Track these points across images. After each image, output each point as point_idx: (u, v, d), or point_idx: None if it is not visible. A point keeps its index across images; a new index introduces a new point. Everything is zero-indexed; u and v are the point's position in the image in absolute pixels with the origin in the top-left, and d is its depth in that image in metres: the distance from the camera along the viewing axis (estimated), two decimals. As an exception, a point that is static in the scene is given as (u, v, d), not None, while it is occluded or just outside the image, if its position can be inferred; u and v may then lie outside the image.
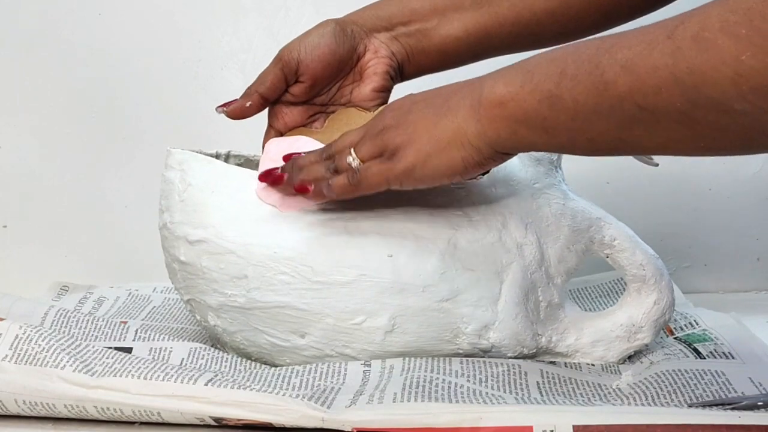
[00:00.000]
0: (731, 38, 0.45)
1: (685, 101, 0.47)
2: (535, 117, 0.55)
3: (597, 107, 0.51)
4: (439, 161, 0.59)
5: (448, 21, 0.71)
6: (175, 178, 0.70)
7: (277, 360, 0.69)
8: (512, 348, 0.68)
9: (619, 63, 0.50)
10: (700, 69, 0.46)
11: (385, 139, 0.61)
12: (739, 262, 1.01)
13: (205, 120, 1.02)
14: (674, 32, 0.48)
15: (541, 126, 0.55)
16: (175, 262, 0.70)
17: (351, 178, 0.62)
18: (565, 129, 0.54)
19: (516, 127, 0.56)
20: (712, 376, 0.63)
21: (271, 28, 1.01)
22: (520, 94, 0.55)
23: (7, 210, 1.04)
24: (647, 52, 0.48)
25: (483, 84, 0.58)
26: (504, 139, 0.57)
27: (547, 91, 0.54)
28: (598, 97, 0.51)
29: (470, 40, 0.71)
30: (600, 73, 0.51)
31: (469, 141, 0.58)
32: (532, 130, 0.55)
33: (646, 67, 0.48)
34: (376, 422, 0.56)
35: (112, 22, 1.01)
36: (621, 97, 0.50)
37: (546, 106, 0.54)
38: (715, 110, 0.47)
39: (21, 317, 0.69)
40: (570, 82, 0.52)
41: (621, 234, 0.70)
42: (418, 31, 0.72)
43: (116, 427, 0.60)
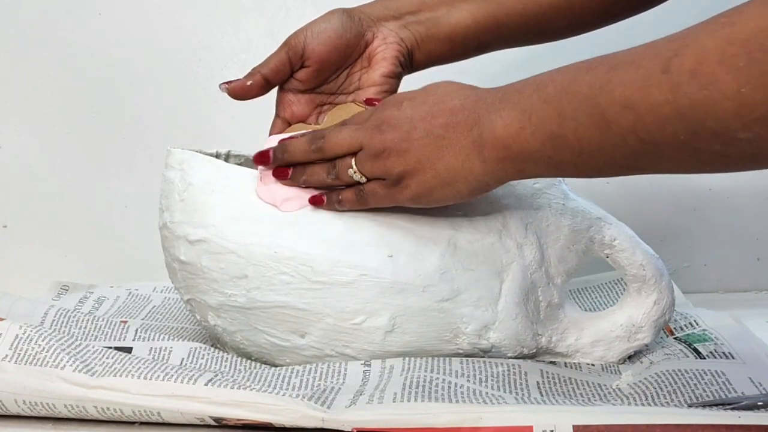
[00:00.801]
0: (730, 72, 0.46)
1: (689, 134, 0.48)
2: (539, 156, 0.56)
3: (601, 144, 0.52)
4: (444, 193, 0.61)
5: (457, 10, 0.71)
6: (175, 178, 0.70)
7: (277, 360, 0.69)
8: (512, 348, 0.68)
9: (618, 101, 0.50)
10: (701, 104, 0.47)
11: (388, 165, 0.62)
12: (739, 262, 1.01)
13: (205, 120, 1.02)
14: (669, 66, 0.48)
15: (548, 163, 0.56)
16: (175, 262, 0.70)
17: (359, 196, 0.64)
18: (572, 165, 0.55)
19: (522, 166, 0.58)
20: (712, 376, 0.63)
21: (271, 28, 1.01)
22: (521, 136, 0.56)
23: (7, 210, 1.04)
24: (645, 88, 0.49)
25: (481, 119, 0.58)
26: (511, 176, 0.60)
27: (549, 132, 0.55)
28: (602, 136, 0.52)
29: (479, 28, 0.72)
30: (600, 113, 0.52)
31: (476, 177, 0.60)
32: (538, 166, 0.57)
33: (646, 105, 0.49)
34: (376, 422, 0.56)
35: (112, 22, 1.01)
36: (624, 134, 0.51)
37: (549, 147, 0.55)
38: (719, 141, 0.47)
39: (21, 317, 0.69)
40: (571, 122, 0.53)
41: (621, 234, 0.70)
42: (427, 19, 0.72)
43: (116, 427, 0.60)
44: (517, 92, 0.57)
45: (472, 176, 0.60)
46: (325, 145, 0.64)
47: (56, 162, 1.03)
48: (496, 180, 0.60)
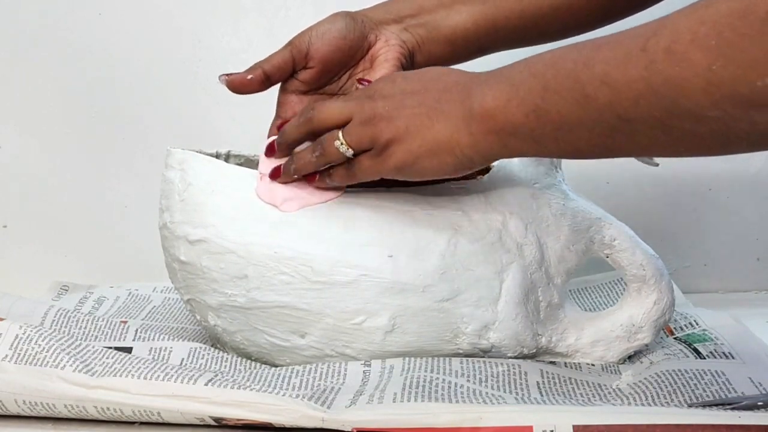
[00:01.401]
0: (702, 50, 0.47)
1: (662, 111, 0.49)
2: (523, 129, 0.57)
3: (580, 119, 0.54)
4: (430, 164, 0.61)
5: (456, 12, 0.72)
6: (175, 178, 0.70)
7: (277, 360, 0.69)
8: (512, 348, 0.68)
9: (598, 77, 0.52)
10: (674, 81, 0.48)
11: (376, 132, 0.62)
12: (739, 262, 1.01)
13: (205, 120, 1.02)
14: (647, 45, 0.49)
15: (530, 137, 0.57)
16: (175, 262, 0.70)
17: (347, 169, 0.65)
18: (553, 139, 0.56)
19: (507, 139, 0.58)
20: (712, 376, 0.63)
21: (271, 28, 1.01)
22: (508, 108, 0.57)
23: (7, 210, 1.04)
24: (623, 65, 0.50)
25: (472, 93, 0.59)
26: (496, 150, 0.59)
27: (533, 105, 0.56)
28: (581, 110, 0.53)
29: (478, 31, 0.72)
30: (580, 87, 0.53)
31: (462, 150, 0.60)
32: (521, 140, 0.58)
33: (623, 81, 0.50)
34: (376, 422, 0.56)
35: (112, 22, 1.01)
36: (601, 110, 0.52)
37: (533, 119, 0.56)
38: (690, 118, 0.49)
39: (21, 317, 0.69)
40: (553, 96, 0.54)
41: (621, 234, 0.70)
42: (427, 22, 0.72)
43: (116, 427, 0.60)
44: (510, 68, 0.59)
45: (458, 148, 0.60)
46: (314, 115, 0.65)
47: (56, 162, 1.03)
48: (482, 155, 0.60)
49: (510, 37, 0.73)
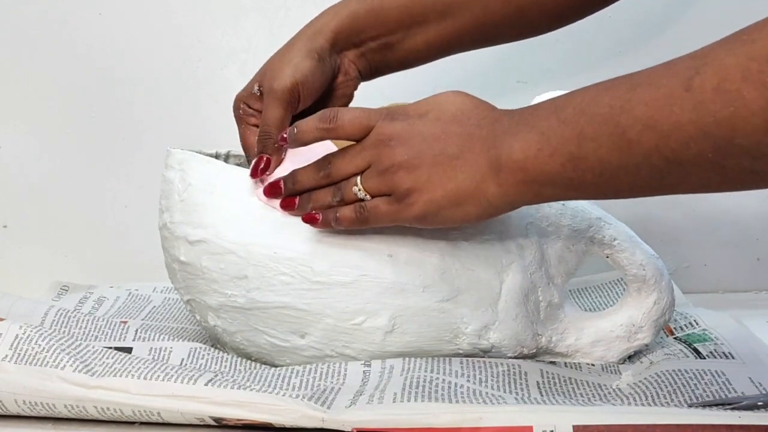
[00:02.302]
0: (757, 87, 0.45)
1: (716, 151, 0.48)
2: (559, 179, 0.55)
3: (623, 165, 0.52)
4: (453, 213, 0.60)
5: (412, 36, 0.72)
6: (174, 178, 0.70)
7: (277, 360, 0.69)
8: (512, 348, 0.68)
9: (640, 121, 0.50)
10: (728, 121, 0.46)
11: (396, 180, 0.60)
12: (739, 262, 1.01)
13: (205, 120, 1.02)
14: (691, 84, 0.48)
15: (567, 185, 0.55)
16: (175, 262, 0.70)
17: (359, 212, 0.63)
18: (593, 185, 0.54)
19: (540, 188, 0.56)
20: (712, 376, 0.63)
21: (271, 28, 1.01)
22: (539, 158, 0.55)
23: (7, 210, 1.04)
24: (667, 108, 0.49)
25: (497, 142, 0.57)
26: (528, 199, 0.58)
27: (568, 154, 0.54)
28: (623, 156, 0.51)
29: (431, 52, 0.73)
30: (621, 132, 0.51)
31: (488, 200, 0.58)
32: (557, 189, 0.56)
33: (669, 124, 0.49)
34: (376, 422, 0.56)
35: (112, 22, 1.01)
36: (647, 154, 0.50)
37: (570, 168, 0.54)
38: (747, 157, 0.47)
39: (21, 317, 0.69)
40: (591, 143, 0.53)
41: (621, 234, 0.70)
42: (383, 45, 0.73)
43: (116, 427, 0.60)
44: (533, 115, 0.57)
45: (484, 198, 0.58)
46: (332, 170, 0.63)
47: (56, 162, 1.03)
48: (510, 204, 0.59)
49: (461, 49, 0.74)
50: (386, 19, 0.72)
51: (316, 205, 0.65)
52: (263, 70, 0.71)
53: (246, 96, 0.72)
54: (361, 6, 0.72)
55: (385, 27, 0.72)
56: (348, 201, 0.63)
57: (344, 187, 0.63)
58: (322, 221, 0.64)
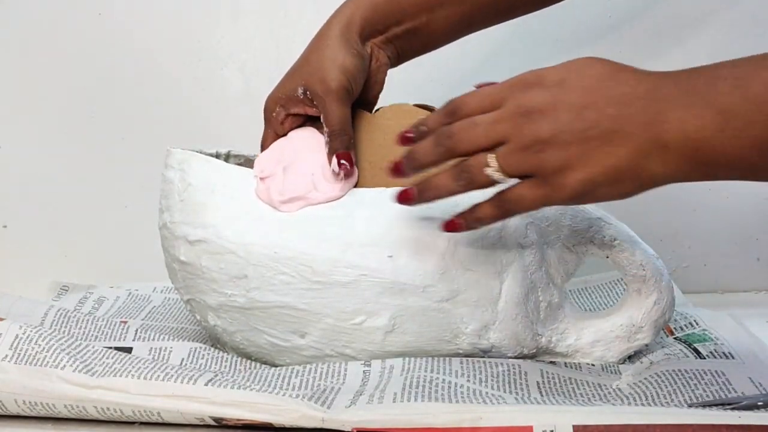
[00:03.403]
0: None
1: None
2: (740, 163, 0.50)
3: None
4: (609, 191, 0.54)
5: (435, 18, 0.72)
6: (174, 178, 0.70)
7: (277, 360, 0.69)
8: (512, 348, 0.68)
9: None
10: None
11: (543, 159, 0.54)
12: (738, 262, 1.01)
13: (205, 120, 1.02)
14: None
15: (749, 169, 0.51)
16: (175, 262, 0.70)
17: (501, 206, 0.57)
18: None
19: (714, 170, 0.52)
20: (712, 376, 0.63)
21: (271, 28, 1.01)
22: (719, 140, 0.50)
23: (7, 210, 1.04)
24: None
25: (663, 116, 0.51)
26: (696, 178, 0.53)
27: (755, 138, 0.49)
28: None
29: (453, 32, 0.73)
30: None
31: (651, 178, 0.53)
32: (735, 171, 0.51)
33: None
34: (376, 422, 0.56)
35: (112, 22, 1.01)
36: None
37: (756, 154, 0.49)
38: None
39: (21, 317, 0.69)
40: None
41: (621, 234, 0.70)
42: (407, 31, 0.72)
43: (116, 427, 0.60)
44: (708, 85, 0.51)
45: (646, 176, 0.53)
46: (457, 141, 0.56)
47: (56, 162, 1.03)
48: (673, 180, 0.53)
49: (480, 27, 0.74)
50: (407, 4, 0.71)
51: (439, 193, 0.58)
52: (306, 71, 0.69)
53: (284, 98, 0.70)
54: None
55: (406, 12, 0.72)
56: (477, 182, 0.56)
57: (471, 168, 0.56)
58: (464, 226, 0.60)
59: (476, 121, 0.56)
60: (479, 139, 0.56)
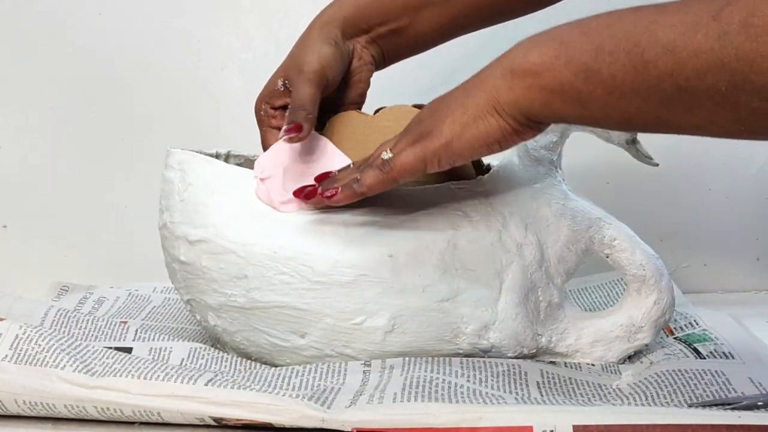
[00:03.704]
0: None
1: (730, 86, 0.47)
2: (570, 89, 0.54)
3: (635, 85, 0.51)
4: (477, 130, 0.58)
5: (419, 19, 0.72)
6: (174, 178, 0.70)
7: (277, 360, 0.69)
8: (512, 348, 0.68)
9: (661, 43, 0.49)
10: (748, 56, 0.45)
11: (420, 129, 0.60)
12: (738, 262, 1.01)
13: (205, 120, 1.02)
14: (720, 14, 0.47)
15: (576, 98, 0.54)
16: (175, 262, 0.70)
17: (383, 167, 0.61)
18: (601, 104, 0.53)
19: (550, 97, 0.55)
20: (712, 376, 0.63)
21: (271, 28, 1.01)
22: (555, 65, 0.54)
23: (7, 210, 1.04)
24: (691, 33, 0.48)
25: (513, 53, 0.57)
26: (537, 109, 0.56)
27: (583, 65, 0.53)
28: (637, 76, 0.50)
29: (439, 33, 0.73)
30: (640, 51, 0.50)
31: (504, 108, 0.57)
32: (566, 102, 0.55)
33: (689, 50, 0.48)
34: (376, 422, 0.56)
35: (112, 22, 1.01)
36: (661, 78, 0.49)
37: (582, 80, 0.53)
38: (760, 96, 0.46)
39: (21, 317, 0.69)
40: (608, 57, 0.51)
41: (621, 234, 0.70)
42: (392, 31, 0.73)
43: (116, 427, 0.60)
44: (557, 28, 0.56)
45: (499, 106, 0.57)
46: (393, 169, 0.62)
47: (56, 162, 1.03)
48: (523, 113, 0.57)
49: (465, 30, 0.74)
50: (391, 5, 0.72)
51: (340, 183, 0.64)
52: (285, 65, 0.71)
53: (268, 95, 0.72)
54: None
55: (391, 12, 0.72)
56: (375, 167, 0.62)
57: (374, 155, 0.62)
58: (343, 193, 0.63)
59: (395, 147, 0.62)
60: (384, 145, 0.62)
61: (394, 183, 0.62)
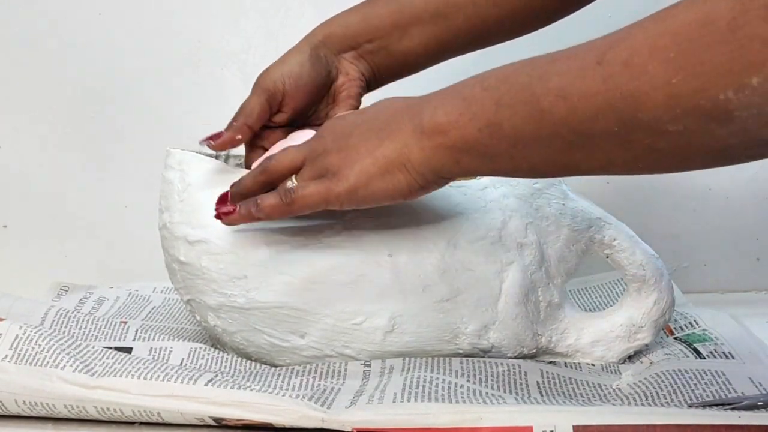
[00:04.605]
0: (661, 63, 0.46)
1: (621, 125, 0.48)
2: (476, 145, 0.55)
3: (536, 134, 0.52)
4: (383, 184, 0.59)
5: (408, 37, 0.72)
6: (174, 178, 0.70)
7: (277, 360, 0.69)
8: (512, 348, 0.68)
9: (553, 91, 0.50)
10: (633, 94, 0.47)
11: (326, 163, 0.61)
12: (738, 262, 1.01)
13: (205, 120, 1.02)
14: (604, 58, 0.48)
15: (483, 153, 0.55)
16: (174, 263, 0.70)
17: (284, 196, 0.62)
18: (507, 156, 0.54)
19: (458, 155, 0.56)
20: (712, 376, 0.63)
21: (271, 28, 1.01)
22: (460, 122, 0.55)
23: (7, 210, 1.04)
24: (579, 78, 0.49)
25: (422, 110, 0.58)
26: (448, 167, 0.58)
27: (486, 120, 0.54)
28: (536, 125, 0.52)
29: (428, 53, 0.73)
30: (535, 101, 0.51)
31: (414, 167, 0.58)
32: (474, 157, 0.56)
33: (579, 94, 0.49)
34: (376, 422, 0.56)
35: (112, 21, 1.01)
36: (557, 124, 0.51)
37: (486, 135, 0.54)
38: (650, 132, 0.47)
39: (21, 317, 0.69)
40: (507, 110, 0.53)
41: (621, 234, 0.70)
42: (381, 47, 0.73)
43: (116, 427, 0.60)
44: (461, 84, 0.57)
45: (409, 164, 0.58)
46: (269, 165, 0.64)
47: (56, 162, 1.03)
48: (434, 172, 0.58)
49: (457, 51, 0.75)
50: (379, 23, 0.72)
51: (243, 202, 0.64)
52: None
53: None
54: (352, 15, 0.73)
55: (379, 30, 0.72)
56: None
57: (280, 185, 0.63)
58: (240, 213, 0.63)
59: (287, 148, 0.64)
60: (286, 163, 0.63)
61: (292, 214, 0.62)
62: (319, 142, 0.63)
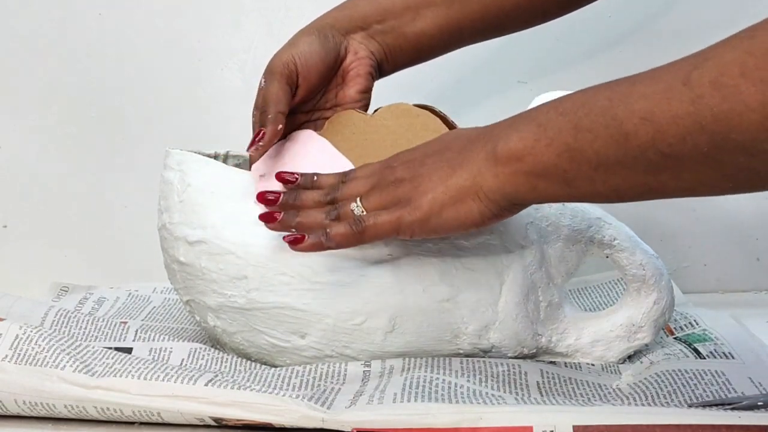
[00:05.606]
0: (754, 83, 0.45)
1: (712, 147, 0.47)
2: (554, 170, 0.54)
3: (619, 158, 0.51)
4: (456, 212, 0.59)
5: (421, 17, 0.72)
6: (174, 179, 0.70)
7: (277, 360, 0.69)
8: (512, 348, 0.68)
9: (638, 114, 0.50)
10: (725, 116, 0.46)
11: (398, 192, 0.60)
12: (738, 262, 1.01)
13: (205, 120, 1.02)
14: (690, 78, 0.48)
15: (562, 178, 0.55)
16: (174, 263, 0.70)
17: (355, 225, 0.61)
18: (587, 180, 0.54)
19: (535, 181, 0.56)
20: (712, 376, 0.63)
21: (271, 28, 1.01)
22: (536, 149, 0.55)
23: (7, 210, 1.04)
24: (665, 101, 0.48)
25: (496, 137, 0.57)
26: (523, 194, 0.57)
27: (565, 145, 0.53)
28: (620, 149, 0.51)
29: (442, 35, 0.72)
30: (618, 125, 0.51)
31: (486, 195, 0.58)
32: (552, 182, 0.55)
33: (666, 117, 0.48)
34: (376, 423, 0.56)
35: (112, 22, 1.01)
36: (643, 147, 0.50)
37: (565, 160, 0.54)
38: (744, 153, 0.47)
39: (21, 317, 0.69)
40: (588, 134, 0.52)
41: (621, 234, 0.70)
42: (392, 28, 0.72)
43: (116, 427, 0.60)
44: (534, 110, 0.57)
45: (482, 192, 0.58)
46: (339, 195, 0.63)
47: (56, 162, 1.03)
48: (508, 199, 0.58)
49: (472, 36, 0.74)
50: (389, 5, 0.72)
51: (306, 221, 0.63)
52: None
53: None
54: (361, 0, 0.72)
55: (389, 11, 0.72)
56: (343, 216, 0.62)
57: (341, 205, 0.62)
58: (310, 243, 0.61)
59: (356, 177, 0.64)
60: (354, 189, 0.63)
61: (362, 243, 0.62)
62: (389, 171, 0.62)
